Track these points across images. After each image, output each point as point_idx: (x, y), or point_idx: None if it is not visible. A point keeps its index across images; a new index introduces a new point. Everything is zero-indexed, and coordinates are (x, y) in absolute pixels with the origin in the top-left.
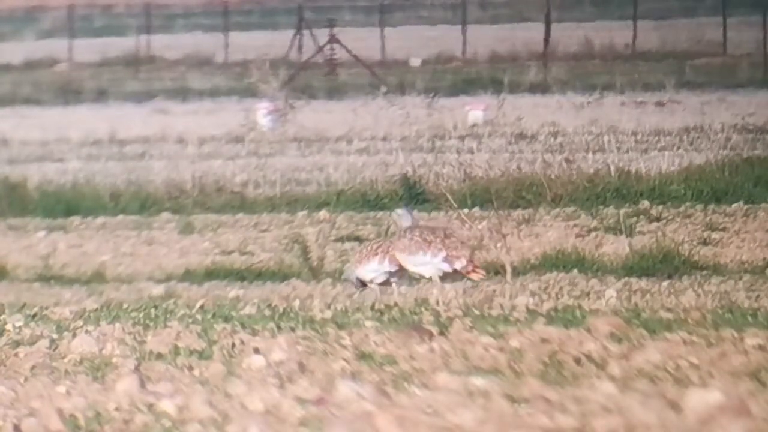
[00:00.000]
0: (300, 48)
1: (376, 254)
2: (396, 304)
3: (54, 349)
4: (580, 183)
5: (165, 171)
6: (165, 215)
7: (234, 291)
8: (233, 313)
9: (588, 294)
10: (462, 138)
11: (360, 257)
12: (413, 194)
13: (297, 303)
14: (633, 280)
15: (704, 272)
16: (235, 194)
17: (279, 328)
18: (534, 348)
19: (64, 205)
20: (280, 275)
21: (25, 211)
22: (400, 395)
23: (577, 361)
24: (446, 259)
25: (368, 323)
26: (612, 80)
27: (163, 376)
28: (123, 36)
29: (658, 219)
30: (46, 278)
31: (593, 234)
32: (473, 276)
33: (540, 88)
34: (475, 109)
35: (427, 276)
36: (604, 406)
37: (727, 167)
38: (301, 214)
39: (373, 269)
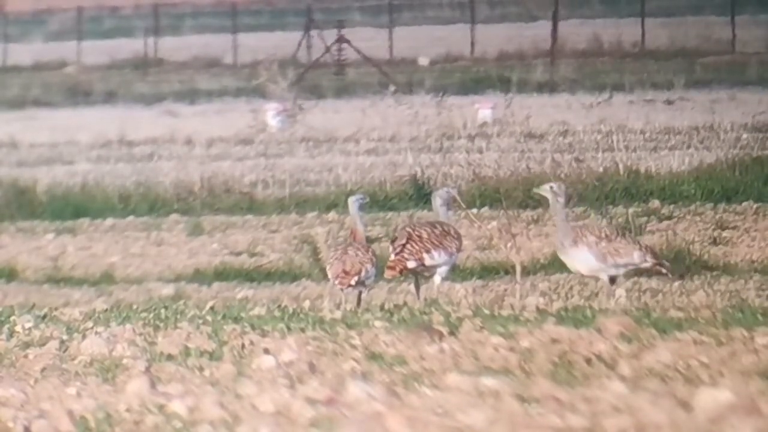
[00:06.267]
0: (309, 48)
1: (331, 263)
2: (405, 304)
3: (64, 351)
4: (590, 182)
5: (174, 172)
6: (174, 216)
7: (243, 292)
8: (243, 314)
9: (598, 294)
10: (471, 137)
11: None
12: (422, 195)
13: (307, 303)
14: (643, 279)
15: (714, 272)
16: (244, 195)
17: (289, 328)
18: (544, 348)
19: (73, 207)
20: (290, 276)
21: (34, 213)
22: (410, 395)
23: (588, 361)
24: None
25: (378, 323)
26: (621, 78)
27: (173, 377)
28: (131, 38)
29: (668, 218)
30: (56, 280)
31: None
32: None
33: (548, 86)
34: (483, 108)
35: None
36: (614, 406)
37: (738, 166)
38: (311, 214)
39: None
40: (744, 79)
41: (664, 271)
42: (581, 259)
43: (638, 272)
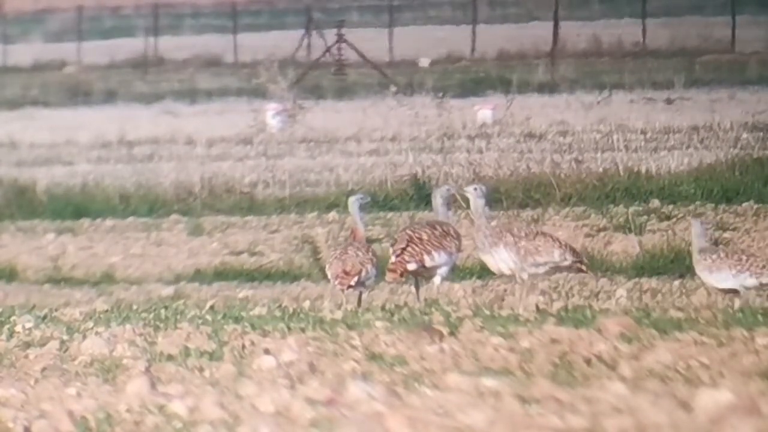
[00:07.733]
0: (309, 48)
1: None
2: (406, 305)
3: (64, 351)
4: (590, 182)
5: (174, 173)
6: (174, 217)
7: (244, 292)
8: (243, 314)
9: (598, 294)
10: (471, 138)
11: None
12: (423, 195)
13: (307, 304)
14: (643, 279)
15: None
16: (245, 195)
17: (289, 328)
18: (544, 348)
19: (74, 207)
20: (290, 276)
21: (34, 213)
22: (410, 396)
23: (588, 361)
24: None
25: (378, 324)
26: (621, 78)
27: (173, 378)
28: (131, 37)
29: (668, 218)
30: (56, 280)
31: (603, 233)
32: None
33: (548, 86)
34: (484, 109)
35: None
36: (614, 407)
37: (738, 166)
38: (311, 215)
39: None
40: (744, 79)
41: (584, 268)
42: (501, 258)
43: (559, 270)
